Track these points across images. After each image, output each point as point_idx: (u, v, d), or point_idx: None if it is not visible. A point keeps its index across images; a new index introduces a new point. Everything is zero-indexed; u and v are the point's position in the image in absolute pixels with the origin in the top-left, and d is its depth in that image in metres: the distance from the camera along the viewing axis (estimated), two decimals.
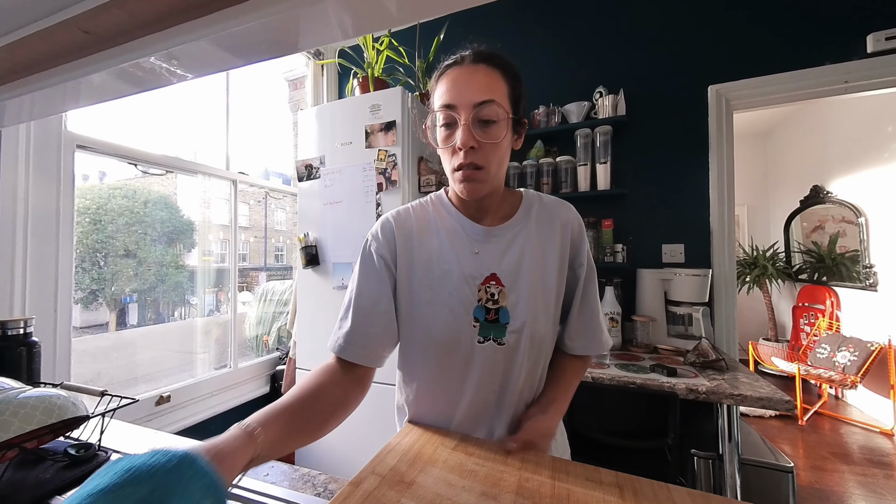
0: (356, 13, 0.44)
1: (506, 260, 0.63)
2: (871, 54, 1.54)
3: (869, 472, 2.22)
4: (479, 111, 0.57)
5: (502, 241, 0.64)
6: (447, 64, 0.62)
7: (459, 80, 0.58)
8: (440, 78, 0.61)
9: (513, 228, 0.65)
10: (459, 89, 0.58)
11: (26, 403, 0.56)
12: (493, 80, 0.58)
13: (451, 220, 0.67)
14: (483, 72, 0.58)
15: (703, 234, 1.78)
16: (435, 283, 0.63)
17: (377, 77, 1.82)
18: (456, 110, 0.57)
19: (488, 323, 0.61)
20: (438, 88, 0.61)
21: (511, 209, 0.68)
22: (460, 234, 0.65)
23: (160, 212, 1.82)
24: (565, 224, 0.67)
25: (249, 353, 2.25)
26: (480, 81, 0.58)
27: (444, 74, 0.61)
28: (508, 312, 0.61)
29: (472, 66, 0.59)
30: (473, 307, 0.62)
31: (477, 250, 0.64)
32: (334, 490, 0.59)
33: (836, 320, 3.30)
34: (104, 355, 1.62)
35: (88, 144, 1.38)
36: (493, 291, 0.62)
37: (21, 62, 0.57)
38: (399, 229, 0.66)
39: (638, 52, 1.91)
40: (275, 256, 2.72)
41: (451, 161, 0.60)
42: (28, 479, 0.57)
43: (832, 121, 3.48)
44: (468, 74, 0.58)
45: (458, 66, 0.60)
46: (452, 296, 0.62)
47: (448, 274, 0.63)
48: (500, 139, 0.58)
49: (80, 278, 1.49)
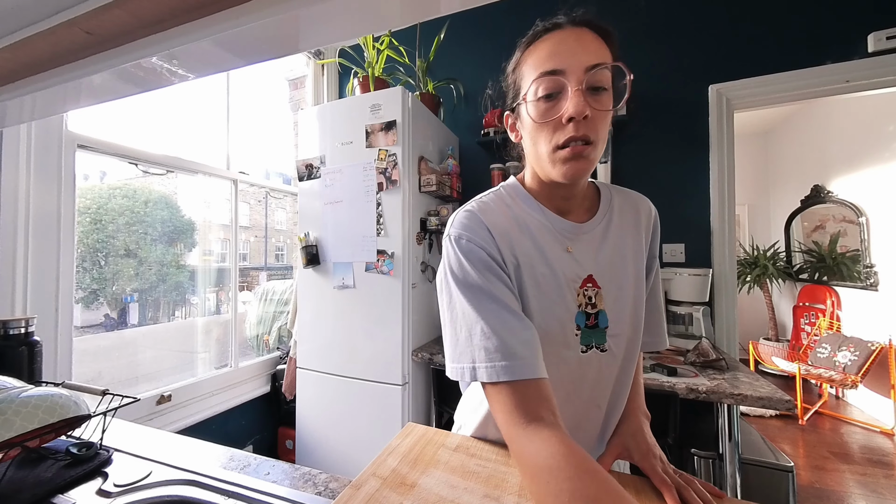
0: (357, 14, 0.44)
1: (600, 258, 0.57)
2: (872, 54, 1.54)
3: (869, 471, 2.22)
4: (593, 76, 0.48)
5: (594, 238, 0.58)
6: (543, 28, 0.53)
7: (566, 42, 0.50)
8: (533, 46, 0.53)
9: (600, 223, 0.59)
10: (569, 51, 0.49)
11: (28, 402, 0.56)
12: (602, 47, 0.51)
13: (537, 216, 0.58)
14: (592, 37, 0.51)
15: (704, 233, 1.78)
16: (537, 290, 0.55)
17: (377, 77, 1.82)
18: (564, 75, 0.49)
19: (588, 329, 0.56)
20: (533, 57, 0.52)
21: (593, 202, 0.62)
22: (550, 230, 0.57)
23: (161, 211, 1.82)
24: (647, 216, 0.63)
25: (250, 352, 2.25)
26: (591, 45, 0.50)
27: (541, 41, 0.52)
28: (607, 316, 0.56)
29: (578, 28, 0.51)
30: (575, 314, 0.56)
31: (569, 248, 0.57)
32: (335, 489, 0.59)
33: (836, 320, 3.30)
34: (105, 354, 1.62)
35: (89, 144, 1.39)
36: (590, 294, 0.56)
37: (23, 62, 0.57)
38: (492, 226, 0.55)
39: (638, 52, 1.91)
40: (275, 256, 2.72)
41: (552, 138, 0.51)
42: (30, 478, 0.57)
43: (833, 120, 3.48)
44: (577, 37, 0.50)
45: (559, 30, 0.51)
46: (556, 303, 0.55)
47: (547, 278, 0.55)
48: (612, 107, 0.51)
49: (81, 278, 1.49)
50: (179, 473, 0.62)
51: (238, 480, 0.60)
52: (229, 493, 0.57)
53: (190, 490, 0.58)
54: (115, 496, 0.56)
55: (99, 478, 0.60)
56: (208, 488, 0.59)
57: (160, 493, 0.57)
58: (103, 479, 0.59)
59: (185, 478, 0.61)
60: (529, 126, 0.54)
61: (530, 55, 0.53)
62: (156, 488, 0.58)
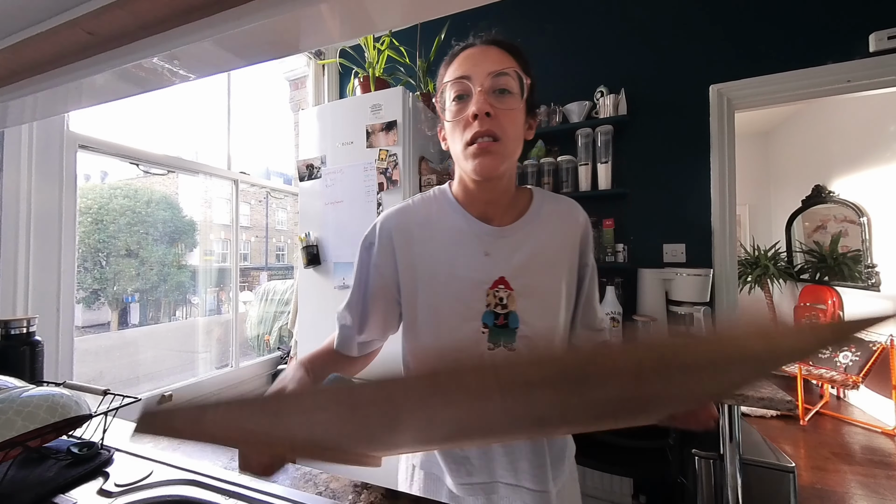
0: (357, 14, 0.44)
1: (515, 261, 0.60)
2: (873, 53, 1.54)
3: (870, 472, 2.22)
4: (496, 80, 0.55)
5: (512, 241, 0.61)
6: (459, 47, 0.61)
7: (473, 56, 0.58)
8: (451, 60, 0.61)
9: (523, 227, 0.62)
10: (474, 62, 0.57)
11: (30, 402, 0.56)
12: (507, 59, 0.57)
13: (457, 219, 0.63)
14: (497, 52, 0.58)
15: (705, 233, 1.77)
16: (440, 288, 0.61)
17: (378, 77, 1.82)
18: (470, 80, 0.56)
19: (497, 328, 0.59)
20: (450, 69, 0.60)
21: (522, 207, 0.65)
22: (467, 234, 0.62)
23: (162, 212, 1.83)
24: (576, 223, 0.65)
25: (251, 352, 2.25)
26: (495, 57, 0.57)
27: (457, 56, 0.60)
28: (518, 317, 0.59)
29: (486, 47, 0.58)
30: (482, 313, 0.59)
31: (487, 252, 0.60)
32: (335, 489, 0.59)
33: (837, 320, 3.29)
34: (106, 354, 1.62)
35: (90, 144, 1.39)
36: (501, 295, 0.59)
37: (25, 63, 0.57)
38: (398, 228, 0.64)
39: (639, 52, 1.91)
40: (276, 256, 2.72)
41: (462, 136, 0.57)
42: (32, 478, 0.57)
43: (834, 120, 3.47)
44: (482, 52, 0.58)
45: (471, 48, 0.59)
46: (459, 301, 0.60)
47: (448, 277, 0.60)
48: (516, 108, 0.56)
49: (83, 278, 1.49)
50: (180, 473, 0.62)
51: (239, 480, 0.60)
52: (230, 493, 0.57)
53: (190, 490, 0.58)
54: (116, 496, 0.56)
55: (100, 477, 0.60)
56: (209, 488, 0.59)
57: (161, 493, 0.57)
58: (104, 479, 0.60)
59: (186, 478, 0.61)
60: (448, 128, 0.60)
61: (448, 69, 0.61)
62: (157, 488, 0.59)
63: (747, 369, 0.31)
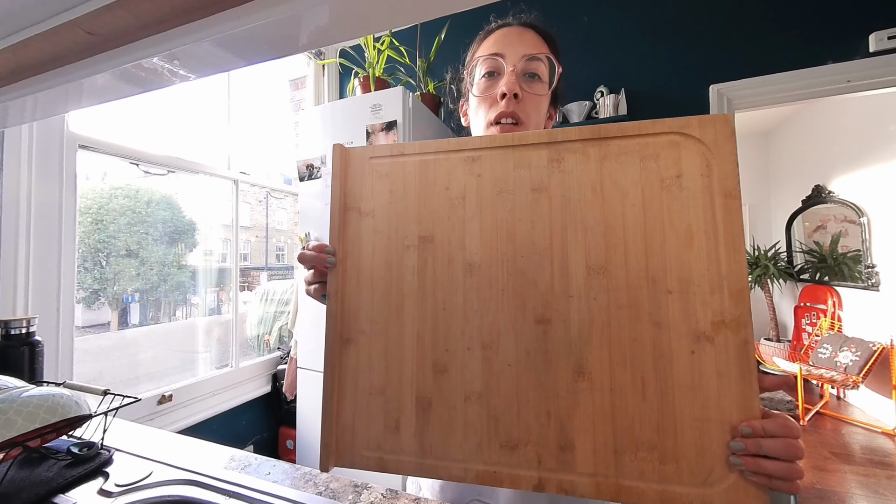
0: (357, 14, 0.44)
1: None
2: (873, 53, 1.54)
3: (871, 472, 2.22)
4: (528, 64, 0.55)
5: None
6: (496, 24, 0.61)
7: (510, 35, 0.58)
8: (486, 36, 0.61)
9: None
10: (510, 41, 0.57)
11: (30, 402, 0.56)
12: (541, 44, 0.58)
13: None
14: (533, 35, 0.58)
15: None
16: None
17: (378, 77, 1.82)
18: (504, 58, 0.56)
19: None
20: (483, 47, 0.60)
21: None
22: None
23: (162, 212, 1.83)
24: None
25: (251, 352, 2.25)
26: (531, 41, 0.57)
27: (493, 32, 0.60)
28: None
29: (523, 28, 0.59)
30: None
31: None
32: (336, 489, 0.59)
33: (837, 320, 3.29)
34: (106, 354, 1.62)
35: (90, 144, 1.39)
36: None
37: (25, 63, 0.57)
38: None
39: (639, 52, 1.91)
40: (276, 256, 2.72)
41: (487, 114, 0.57)
42: (31, 478, 0.57)
43: (834, 120, 3.48)
44: (519, 33, 0.58)
45: (508, 27, 0.59)
46: None
47: None
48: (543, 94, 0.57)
49: (83, 278, 1.49)
50: (180, 473, 0.62)
51: (239, 480, 0.60)
52: (230, 493, 0.57)
53: (191, 490, 0.58)
54: (117, 496, 0.56)
55: (100, 477, 0.60)
56: (209, 488, 0.59)
57: (161, 493, 0.57)
58: (104, 479, 0.60)
59: (186, 478, 0.61)
60: (473, 103, 0.60)
61: (481, 46, 0.61)
62: (157, 488, 0.58)
63: None
